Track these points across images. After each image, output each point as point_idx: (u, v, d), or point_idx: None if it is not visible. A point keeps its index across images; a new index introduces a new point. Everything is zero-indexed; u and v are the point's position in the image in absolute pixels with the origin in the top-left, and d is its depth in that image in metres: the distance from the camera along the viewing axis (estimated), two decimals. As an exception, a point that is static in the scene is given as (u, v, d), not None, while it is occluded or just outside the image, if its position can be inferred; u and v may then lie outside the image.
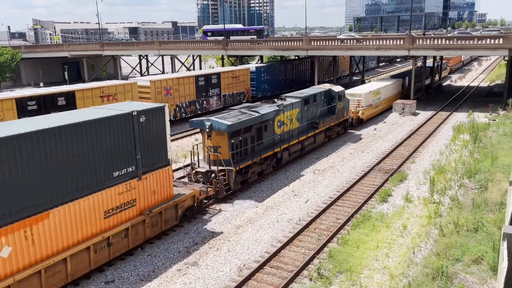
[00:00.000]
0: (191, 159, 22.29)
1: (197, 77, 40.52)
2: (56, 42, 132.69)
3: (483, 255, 14.27)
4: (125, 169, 15.26)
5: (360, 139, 33.47)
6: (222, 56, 65.14)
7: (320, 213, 19.80)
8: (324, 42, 50.57)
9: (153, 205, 16.79)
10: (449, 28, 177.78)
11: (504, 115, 37.55)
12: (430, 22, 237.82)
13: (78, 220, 13.87)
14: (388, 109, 43.36)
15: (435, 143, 31.78)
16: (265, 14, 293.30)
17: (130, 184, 15.55)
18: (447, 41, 44.00)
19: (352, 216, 19.39)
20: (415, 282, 13.75)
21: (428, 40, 45.10)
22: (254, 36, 69.11)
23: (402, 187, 22.92)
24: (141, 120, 15.64)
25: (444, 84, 65.69)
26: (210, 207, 20.85)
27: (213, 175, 20.91)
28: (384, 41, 47.12)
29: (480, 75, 79.80)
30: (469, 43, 42.57)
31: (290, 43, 53.00)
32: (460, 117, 39.78)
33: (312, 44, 49.96)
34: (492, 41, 41.24)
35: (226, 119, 21.12)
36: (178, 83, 38.10)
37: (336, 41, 50.19)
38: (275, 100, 26.79)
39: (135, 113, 15.37)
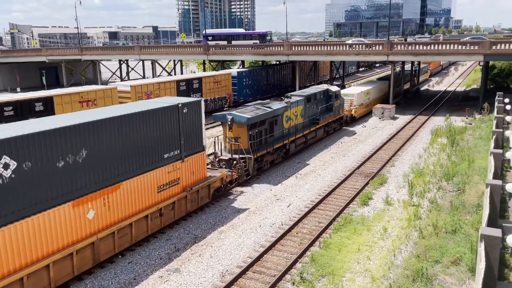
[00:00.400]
0: (214, 149, 25.25)
1: (178, 82, 40.33)
2: (34, 46, 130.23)
3: (461, 256, 14.55)
4: (172, 152, 18.36)
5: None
6: (204, 60, 65.01)
7: (302, 217, 19.89)
8: (305, 47, 51.05)
9: (192, 184, 19.93)
10: (426, 34, 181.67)
11: (480, 119, 38.50)
12: (408, 28, 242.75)
13: (139, 193, 16.77)
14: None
15: (414, 146, 32.35)
16: (246, 19, 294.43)
17: (175, 165, 18.60)
18: (425, 46, 44.96)
19: (333, 219, 19.54)
20: (396, 284, 13.93)
21: (406, 46, 45.98)
22: (257, 41, 66.47)
23: (382, 190, 23.23)
24: (184, 111, 18.62)
25: (422, 88, 67.02)
26: (232, 189, 23.69)
27: (234, 162, 23.51)
28: (363, 47, 47.83)
29: (457, 79, 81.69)
30: (446, 49, 43.61)
31: (271, 48, 53.31)
32: (438, 121, 40.61)
33: (293, 49, 50.36)
34: (468, 47, 42.33)
35: (245, 113, 24.03)
36: (159, 88, 37.85)
37: (316, 46, 50.70)
38: (282, 98, 29.71)
39: (180, 105, 18.27)
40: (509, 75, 55.79)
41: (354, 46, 48.24)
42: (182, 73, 69.91)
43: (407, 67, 60.65)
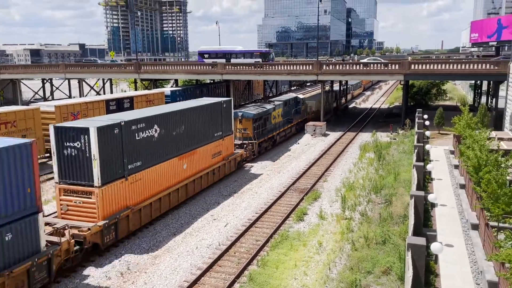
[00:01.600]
0: None
1: (107, 101, 38.79)
2: None
3: (391, 266, 15.20)
4: (217, 133, 28.06)
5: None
6: (135, 79, 63.31)
7: (239, 236, 19.75)
8: (238, 67, 51.71)
9: (227, 156, 29.63)
10: (352, 55, 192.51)
11: (403, 134, 41.13)
12: (335, 49, 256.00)
13: (204, 156, 26.44)
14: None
15: (344, 161, 33.70)
16: (179, 38, 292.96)
17: (219, 141, 28.33)
18: (351, 66, 47.50)
19: (270, 236, 19.63)
20: (332, 298, 14.16)
21: (333, 66, 48.27)
22: (259, 59, 60.45)
23: (317, 205, 23.82)
24: (224, 105, 28.53)
25: (350, 106, 70.48)
26: (245, 164, 32.82)
27: (245, 145, 33.00)
28: (295, 66, 49.50)
29: (381, 97, 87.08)
30: (371, 69, 46.41)
31: (205, 67, 53.36)
32: (365, 137, 42.78)
33: (227, 68, 50.80)
34: (390, 66, 45.36)
35: (251, 111, 34.17)
36: (87, 107, 36.10)
37: (250, 66, 51.59)
38: (269, 102, 40.52)
39: (222, 101, 28.43)
40: (427, 93, 60.48)
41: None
42: (112, 92, 67.40)
43: (337, 85, 63.54)
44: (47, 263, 15.00)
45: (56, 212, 18.98)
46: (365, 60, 63.71)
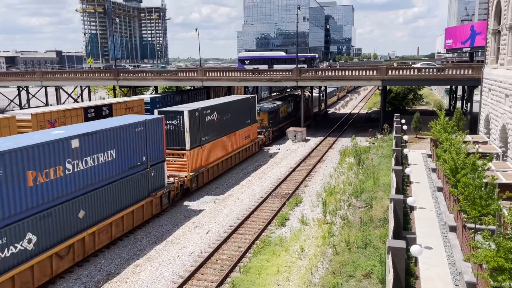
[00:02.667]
0: None
1: (86, 108, 38.16)
2: None
3: (372, 269, 15.35)
4: (247, 121, 36.53)
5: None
6: (114, 86, 62.55)
7: (221, 243, 19.65)
8: (218, 73, 51.67)
9: (253, 139, 38.39)
10: (330, 61, 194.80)
11: (381, 139, 41.74)
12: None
13: (239, 138, 34.87)
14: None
15: (325, 166, 33.96)
16: (158, 45, 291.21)
17: (248, 128, 36.87)
18: (330, 72, 48.06)
19: (253, 243, 19.59)
20: (315, 303, 14.19)
21: (313, 72, 48.74)
22: (304, 66, 57.08)
23: (298, 210, 23.91)
24: (251, 100, 37.40)
25: (329, 111, 71.21)
26: (264, 148, 40.89)
27: (262, 132, 41.04)
28: (275, 73, 49.79)
29: (360, 103, 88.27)
30: (349, 75, 47.04)
31: (185, 73, 53.13)
32: (345, 141, 43.27)
33: (207, 75, 50.71)
34: (368, 72, 46.09)
35: (267, 105, 43.66)
36: (65, 115, 35.43)
37: (230, 72, 51.62)
38: (276, 99, 49.17)
39: (250, 97, 37.48)
40: (404, 98, 61.67)
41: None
42: (90, 99, 66.40)
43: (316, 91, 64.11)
44: (168, 194, 24.30)
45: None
46: (418, 65, 61.36)
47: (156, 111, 26.59)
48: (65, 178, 16.63)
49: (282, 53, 65.55)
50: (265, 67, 56.91)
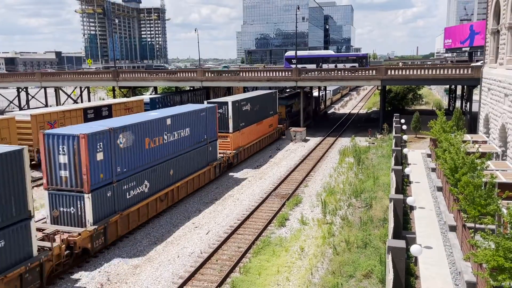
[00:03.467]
0: None
1: (85, 109, 38.20)
2: None
3: (372, 269, 15.36)
4: (271, 112, 43.22)
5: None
6: (113, 87, 62.52)
7: (221, 243, 19.65)
8: (218, 73, 51.64)
9: (275, 127, 45.01)
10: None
11: (381, 139, 41.77)
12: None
13: (265, 126, 41.92)
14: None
15: (324, 166, 33.97)
16: (157, 45, 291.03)
17: (271, 118, 43.41)
18: (329, 72, 48.07)
19: (253, 243, 19.59)
20: (315, 303, 14.19)
21: (312, 72, 48.76)
22: (355, 64, 56.06)
23: (298, 210, 23.91)
24: (273, 95, 44.47)
25: (329, 112, 71.22)
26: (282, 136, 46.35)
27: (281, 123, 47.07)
28: (275, 73, 49.81)
29: (359, 103, 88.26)
30: (348, 75, 47.07)
31: (184, 74, 53.14)
32: (344, 141, 43.28)
33: (207, 75, 50.72)
34: (368, 72, 46.10)
35: (285, 101, 50.26)
36: (64, 116, 35.47)
37: (229, 72, 51.56)
38: (290, 96, 53.72)
39: (273, 92, 44.94)
40: (403, 98, 61.70)
41: (267, 72, 49.96)
42: (89, 100, 66.38)
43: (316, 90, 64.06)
44: (219, 165, 31.39)
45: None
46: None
47: (205, 102, 34.47)
48: (163, 145, 23.53)
49: (331, 52, 64.36)
50: (313, 66, 55.80)
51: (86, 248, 17.59)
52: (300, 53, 62.45)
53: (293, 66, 55.25)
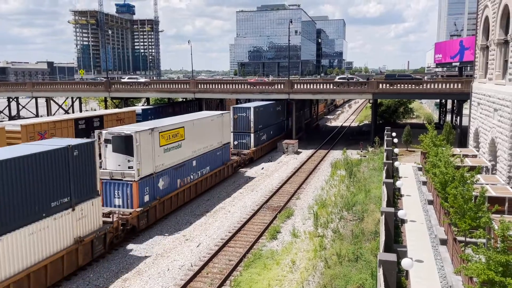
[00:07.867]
0: None
1: (76, 120, 37.91)
2: None
3: (363, 282, 15.28)
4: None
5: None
6: (105, 98, 62.30)
7: (212, 256, 19.46)
8: (211, 85, 51.79)
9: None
10: (322, 74, 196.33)
11: (372, 152, 41.95)
12: (306, 68, 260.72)
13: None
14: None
15: (316, 179, 33.98)
16: (150, 57, 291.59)
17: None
18: (321, 85, 48.41)
19: (244, 256, 19.43)
20: (306, 317, 14.04)
21: (305, 85, 49.06)
22: None
23: (290, 223, 23.81)
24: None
25: (321, 124, 71.53)
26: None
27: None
28: (267, 86, 50.05)
29: (351, 116, 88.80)
30: (340, 88, 47.45)
31: (177, 85, 53.17)
32: (336, 154, 43.40)
33: (200, 87, 50.81)
34: (359, 86, 46.49)
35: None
36: (55, 127, 35.15)
37: (222, 84, 51.73)
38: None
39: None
40: (394, 111, 62.30)
41: (256, 85, 50.62)
42: (81, 110, 66.02)
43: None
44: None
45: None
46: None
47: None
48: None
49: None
50: None
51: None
52: None
53: None
